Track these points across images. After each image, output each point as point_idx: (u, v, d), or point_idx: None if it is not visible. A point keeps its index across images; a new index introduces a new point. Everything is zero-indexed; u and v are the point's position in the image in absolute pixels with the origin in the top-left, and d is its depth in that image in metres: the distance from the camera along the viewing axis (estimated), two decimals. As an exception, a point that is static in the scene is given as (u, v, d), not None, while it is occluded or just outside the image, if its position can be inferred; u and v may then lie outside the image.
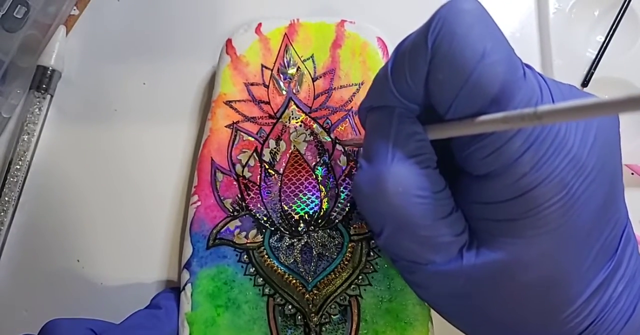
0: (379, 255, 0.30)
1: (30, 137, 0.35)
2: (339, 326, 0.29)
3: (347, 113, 0.32)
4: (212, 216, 0.31)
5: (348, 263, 0.30)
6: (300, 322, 0.29)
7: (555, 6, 0.36)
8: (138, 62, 0.37)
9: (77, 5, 0.38)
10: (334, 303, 0.29)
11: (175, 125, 0.36)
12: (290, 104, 0.32)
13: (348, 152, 0.32)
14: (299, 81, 0.32)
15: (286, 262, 0.30)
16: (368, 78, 0.33)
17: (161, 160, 0.35)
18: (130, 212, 0.34)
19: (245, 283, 0.30)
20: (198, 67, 0.36)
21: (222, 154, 0.31)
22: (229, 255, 0.30)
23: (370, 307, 0.29)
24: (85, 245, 0.34)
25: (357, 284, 0.29)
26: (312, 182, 0.31)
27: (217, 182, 0.31)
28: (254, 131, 0.32)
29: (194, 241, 0.30)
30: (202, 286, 0.29)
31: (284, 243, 0.30)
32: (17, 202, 0.34)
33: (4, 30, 0.33)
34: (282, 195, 0.31)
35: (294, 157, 0.31)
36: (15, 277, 0.34)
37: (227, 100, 0.32)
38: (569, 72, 0.35)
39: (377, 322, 0.29)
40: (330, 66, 0.33)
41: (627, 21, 0.36)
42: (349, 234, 0.30)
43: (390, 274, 0.30)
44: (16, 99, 0.36)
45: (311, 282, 0.30)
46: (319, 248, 0.30)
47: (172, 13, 0.38)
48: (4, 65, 0.33)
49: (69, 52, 0.37)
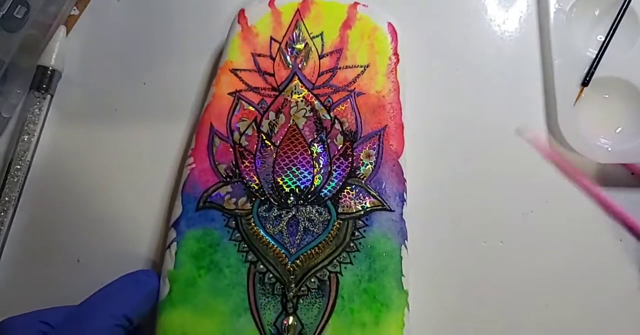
0: (363, 236, 0.30)
1: (30, 137, 0.35)
2: (316, 300, 0.29)
3: (350, 93, 0.32)
4: (205, 179, 0.31)
5: (332, 240, 0.30)
6: (278, 291, 0.29)
7: (555, 6, 0.36)
8: (138, 62, 0.37)
9: (77, 5, 0.38)
10: (313, 277, 0.30)
11: (175, 125, 0.36)
12: (294, 79, 0.33)
13: (345, 132, 0.32)
14: (305, 57, 0.33)
15: (272, 232, 0.30)
16: (374, 61, 0.33)
17: (161, 160, 0.35)
18: (130, 212, 0.34)
19: (229, 248, 0.30)
20: (198, 67, 0.36)
21: (221, 120, 0.32)
22: (217, 219, 0.30)
23: (349, 285, 0.30)
24: (85, 245, 0.34)
25: (338, 261, 0.30)
26: (307, 158, 0.32)
27: (214, 147, 0.31)
28: (255, 101, 0.32)
29: (185, 202, 0.31)
30: (187, 246, 0.30)
31: (272, 214, 0.31)
32: (17, 202, 0.34)
33: (4, 30, 0.33)
34: (276, 167, 0.31)
35: (292, 131, 0.32)
36: (15, 277, 0.34)
37: (233, 69, 0.32)
38: (569, 71, 0.35)
39: (354, 301, 0.29)
40: (338, 46, 0.33)
41: (627, 21, 0.36)
42: (337, 212, 0.31)
43: (372, 255, 0.30)
44: (16, 99, 0.36)
45: (294, 254, 0.30)
46: (306, 222, 0.31)
47: (172, 13, 0.38)
48: (4, 65, 0.33)
49: (69, 52, 0.37)
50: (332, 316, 0.29)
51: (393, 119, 0.32)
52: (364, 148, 0.32)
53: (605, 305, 0.33)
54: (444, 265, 0.33)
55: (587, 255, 0.34)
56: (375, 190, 0.31)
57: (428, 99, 0.36)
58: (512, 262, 0.33)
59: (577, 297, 0.33)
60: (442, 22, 0.38)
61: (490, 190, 0.35)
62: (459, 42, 0.38)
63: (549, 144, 0.36)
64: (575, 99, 0.35)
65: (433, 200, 0.34)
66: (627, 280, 0.33)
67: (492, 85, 0.37)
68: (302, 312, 0.29)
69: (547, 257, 0.34)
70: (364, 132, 0.32)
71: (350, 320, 0.29)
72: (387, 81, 0.33)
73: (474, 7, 0.38)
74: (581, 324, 0.33)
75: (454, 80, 0.37)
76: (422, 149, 0.35)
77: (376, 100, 0.32)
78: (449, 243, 0.34)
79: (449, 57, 0.37)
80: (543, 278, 0.33)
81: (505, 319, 0.33)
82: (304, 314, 0.29)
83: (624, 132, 0.35)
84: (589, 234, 0.34)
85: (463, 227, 0.34)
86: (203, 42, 0.37)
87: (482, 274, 0.33)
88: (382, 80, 0.33)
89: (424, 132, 0.35)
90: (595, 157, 0.34)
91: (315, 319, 0.29)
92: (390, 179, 0.31)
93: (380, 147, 0.32)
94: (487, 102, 0.36)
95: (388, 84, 0.33)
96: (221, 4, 0.38)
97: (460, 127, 0.36)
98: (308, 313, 0.29)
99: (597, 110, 0.35)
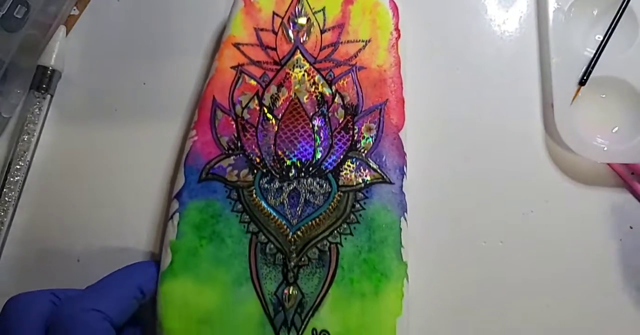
0: (363, 208, 0.31)
1: (30, 137, 0.35)
2: (316, 270, 0.30)
3: (351, 68, 0.33)
4: (207, 152, 0.31)
5: (333, 212, 0.31)
6: (279, 261, 0.30)
7: (554, 5, 0.36)
8: (138, 62, 0.37)
9: (77, 5, 0.38)
10: (314, 247, 0.30)
11: (175, 125, 0.36)
12: (296, 53, 0.33)
13: (346, 106, 0.32)
14: (307, 31, 0.33)
15: (273, 203, 0.31)
16: (376, 36, 0.33)
17: (161, 160, 0.35)
18: (130, 212, 0.34)
19: (231, 219, 0.30)
20: (198, 66, 0.36)
21: (224, 93, 0.32)
22: (219, 190, 0.31)
23: (349, 256, 0.30)
24: (85, 245, 0.34)
25: (339, 232, 0.30)
26: (308, 131, 0.32)
27: (216, 120, 0.32)
28: (257, 75, 0.32)
29: (187, 173, 0.31)
30: (189, 216, 0.30)
31: (274, 186, 0.31)
32: (17, 202, 0.34)
33: (4, 30, 0.33)
34: (277, 140, 0.32)
35: (294, 104, 0.32)
36: (15, 277, 0.34)
37: (236, 43, 0.33)
38: (567, 71, 0.35)
39: (354, 271, 0.30)
40: (340, 21, 0.33)
41: (625, 20, 0.36)
42: (338, 184, 0.31)
43: (372, 227, 0.30)
44: (16, 99, 0.36)
45: (295, 225, 0.30)
46: (307, 194, 0.31)
47: (172, 13, 0.38)
48: (4, 65, 0.33)
49: (69, 52, 0.37)
50: (332, 286, 0.29)
51: (394, 93, 0.33)
52: (365, 122, 0.32)
53: (606, 306, 0.33)
54: (444, 265, 0.33)
55: (587, 255, 0.34)
56: (375, 163, 0.31)
57: (428, 98, 0.36)
58: (512, 262, 0.33)
59: (577, 297, 0.33)
60: (441, 22, 0.38)
61: (490, 190, 0.35)
62: (459, 42, 0.38)
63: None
64: (572, 98, 0.35)
65: (433, 200, 0.34)
66: (627, 281, 0.33)
67: (491, 85, 0.37)
68: (302, 281, 0.29)
69: (547, 257, 0.33)
70: (365, 106, 0.32)
71: (350, 290, 0.29)
72: (388, 56, 0.33)
73: (474, 7, 0.38)
74: (582, 324, 0.32)
75: (454, 79, 0.37)
76: (422, 149, 0.35)
77: (377, 75, 0.33)
78: (448, 243, 0.34)
79: (449, 57, 0.37)
80: (543, 278, 0.33)
81: (506, 319, 0.33)
82: (304, 284, 0.29)
83: (621, 131, 0.35)
84: (589, 233, 0.34)
85: (463, 227, 0.34)
86: (203, 43, 0.37)
87: (482, 274, 0.33)
88: (384, 55, 0.33)
89: (424, 131, 0.35)
90: (592, 156, 0.34)
91: (316, 289, 0.29)
92: (391, 153, 0.32)
93: (381, 120, 0.32)
94: (486, 101, 0.36)
95: (389, 59, 0.33)
96: (221, 6, 0.37)
97: (460, 127, 0.36)
98: (308, 283, 0.29)
99: (594, 110, 0.36)
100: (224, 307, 0.29)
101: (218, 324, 0.29)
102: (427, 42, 0.37)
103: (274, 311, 0.29)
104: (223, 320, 0.29)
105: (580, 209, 0.34)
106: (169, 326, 0.29)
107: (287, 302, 0.29)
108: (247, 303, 0.29)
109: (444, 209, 0.34)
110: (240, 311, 0.29)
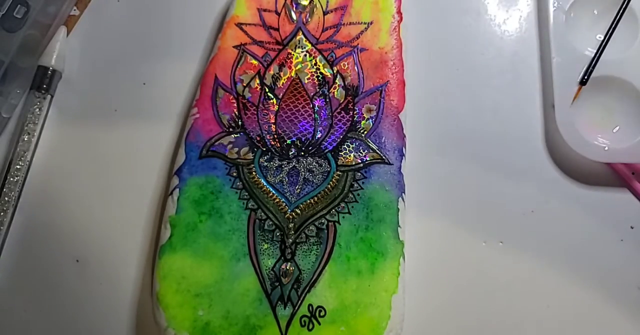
0: (362, 188, 0.31)
1: (30, 137, 0.35)
2: (314, 247, 0.30)
3: (353, 49, 0.33)
4: (208, 129, 0.32)
5: (331, 191, 0.31)
6: (277, 238, 0.30)
7: (555, 4, 0.36)
8: (138, 62, 0.37)
9: (77, 5, 0.38)
10: (312, 225, 0.30)
11: (175, 125, 0.35)
12: (298, 33, 0.33)
13: (347, 87, 0.33)
14: (310, 12, 0.33)
15: (273, 181, 0.31)
16: (378, 19, 0.33)
17: (161, 160, 0.35)
18: (130, 212, 0.34)
19: (230, 195, 0.31)
20: (198, 66, 0.36)
21: (226, 72, 0.32)
22: (219, 167, 0.31)
23: (346, 234, 0.30)
24: (84, 246, 0.34)
25: (337, 211, 0.31)
26: (308, 111, 0.32)
27: (218, 98, 0.32)
28: (259, 54, 0.33)
29: (188, 150, 0.31)
30: (189, 192, 0.31)
31: (273, 164, 0.31)
32: (17, 202, 0.34)
33: (4, 30, 0.33)
34: (278, 119, 0.32)
35: (295, 84, 0.32)
36: (15, 277, 0.33)
37: (239, 23, 0.33)
38: (567, 70, 0.35)
39: (351, 249, 0.30)
40: (342, 2, 0.34)
41: (626, 20, 0.36)
42: (337, 164, 0.31)
43: (370, 206, 0.31)
44: (16, 99, 0.36)
45: (294, 203, 0.31)
46: (306, 173, 0.31)
47: (172, 13, 0.38)
48: (4, 65, 0.33)
49: (69, 52, 0.37)
50: (329, 263, 0.30)
51: (395, 75, 0.33)
52: (365, 103, 0.32)
53: (607, 306, 0.33)
54: (444, 265, 0.33)
55: (588, 256, 0.33)
56: (375, 144, 0.32)
57: (427, 97, 0.36)
58: (512, 262, 0.33)
59: (578, 297, 0.33)
60: (441, 21, 0.38)
61: (490, 190, 0.35)
62: (459, 41, 0.38)
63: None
64: (573, 98, 0.35)
65: (432, 200, 0.34)
66: (628, 281, 0.33)
67: (491, 84, 0.37)
68: (299, 258, 0.30)
69: (547, 257, 0.33)
70: (365, 87, 0.33)
71: (347, 267, 0.29)
72: (390, 38, 0.33)
73: (474, 7, 0.38)
74: (582, 324, 0.32)
75: (453, 79, 0.37)
76: (422, 148, 0.35)
77: (379, 56, 0.33)
78: (448, 243, 0.34)
79: (449, 57, 0.37)
80: (543, 278, 0.33)
81: (507, 320, 0.32)
82: (301, 260, 0.30)
83: (622, 131, 0.35)
84: (589, 234, 0.34)
85: (463, 227, 0.34)
86: (203, 43, 0.37)
87: (482, 275, 0.33)
88: (385, 37, 0.33)
89: (423, 131, 0.35)
90: (593, 156, 0.34)
91: (313, 265, 0.30)
92: (390, 134, 0.32)
93: (381, 102, 0.32)
94: (485, 100, 0.36)
95: (391, 41, 0.33)
96: (222, 7, 0.37)
97: (459, 126, 0.36)
98: (305, 259, 0.30)
99: (595, 110, 0.35)
100: (221, 282, 0.29)
101: (215, 298, 0.29)
102: (426, 31, 0.37)
103: (271, 286, 0.29)
104: (220, 295, 0.29)
105: (581, 209, 0.34)
106: (166, 300, 0.29)
107: (284, 278, 0.29)
108: (245, 278, 0.29)
109: (443, 209, 0.34)
110: (237, 286, 0.29)
